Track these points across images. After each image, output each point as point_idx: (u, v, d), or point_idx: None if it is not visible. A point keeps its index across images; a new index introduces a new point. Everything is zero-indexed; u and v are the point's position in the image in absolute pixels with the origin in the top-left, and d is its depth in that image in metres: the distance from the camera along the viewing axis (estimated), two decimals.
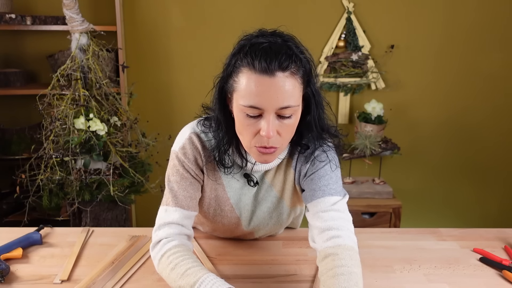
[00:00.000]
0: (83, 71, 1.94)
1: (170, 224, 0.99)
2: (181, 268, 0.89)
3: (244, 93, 0.84)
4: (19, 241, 1.13)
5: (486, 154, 2.67)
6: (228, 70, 0.88)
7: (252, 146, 0.89)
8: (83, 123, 1.87)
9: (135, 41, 2.42)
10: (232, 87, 0.87)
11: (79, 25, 1.93)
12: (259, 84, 0.82)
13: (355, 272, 0.86)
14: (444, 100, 2.57)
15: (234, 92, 0.87)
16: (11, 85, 2.28)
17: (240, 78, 0.85)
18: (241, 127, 0.88)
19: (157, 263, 0.95)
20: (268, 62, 0.81)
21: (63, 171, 1.89)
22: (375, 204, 2.26)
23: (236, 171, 1.03)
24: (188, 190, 1.01)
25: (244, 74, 0.84)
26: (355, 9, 2.42)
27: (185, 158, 1.00)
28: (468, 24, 2.48)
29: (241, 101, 0.84)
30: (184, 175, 1.01)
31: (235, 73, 0.86)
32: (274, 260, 1.11)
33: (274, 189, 1.06)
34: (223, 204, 1.06)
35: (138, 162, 2.08)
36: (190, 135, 1.01)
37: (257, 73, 0.82)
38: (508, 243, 1.21)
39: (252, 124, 0.86)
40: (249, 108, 0.84)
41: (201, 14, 2.41)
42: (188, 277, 0.87)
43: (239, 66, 0.85)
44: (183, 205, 1.00)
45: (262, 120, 0.85)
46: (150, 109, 2.48)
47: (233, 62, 0.86)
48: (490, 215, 2.76)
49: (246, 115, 0.85)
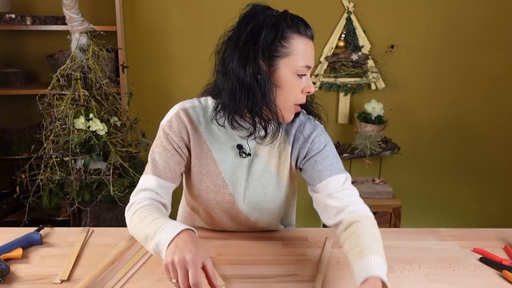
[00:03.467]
0: (83, 71, 1.94)
1: (146, 190, 1.03)
2: (149, 218, 0.93)
3: (302, 55, 0.97)
4: (19, 241, 1.13)
5: (486, 154, 2.67)
6: (266, 39, 0.95)
7: (293, 104, 1.00)
8: (83, 123, 1.87)
9: (135, 41, 2.42)
10: (279, 52, 0.96)
11: (79, 25, 1.93)
12: (310, 47, 0.99)
13: (377, 232, 0.97)
14: (444, 100, 2.57)
15: (284, 58, 0.96)
16: (11, 85, 2.28)
17: (293, 43, 0.96)
18: (290, 87, 0.98)
19: (129, 222, 0.99)
20: (310, 29, 0.99)
21: (63, 171, 1.89)
22: (375, 204, 2.26)
23: (231, 143, 1.08)
24: (168, 161, 1.05)
25: (295, 39, 0.96)
26: (355, 9, 2.42)
27: (170, 130, 1.05)
28: (468, 24, 2.48)
29: (300, 62, 0.96)
30: (167, 147, 1.05)
31: (284, 39, 0.95)
32: (274, 260, 1.11)
33: (268, 164, 1.10)
34: (215, 179, 1.09)
35: (138, 162, 2.08)
36: (178, 111, 1.07)
37: (307, 36, 0.98)
38: (508, 243, 1.21)
39: (299, 84, 0.99)
40: (305, 67, 0.97)
41: (201, 14, 2.41)
42: (154, 224, 0.89)
43: (289, 33, 0.96)
44: (161, 174, 1.04)
45: (304, 80, 0.99)
46: (150, 109, 2.47)
47: (277, 32, 0.95)
48: (490, 215, 2.76)
49: (298, 75, 0.98)
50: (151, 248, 0.89)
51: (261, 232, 1.25)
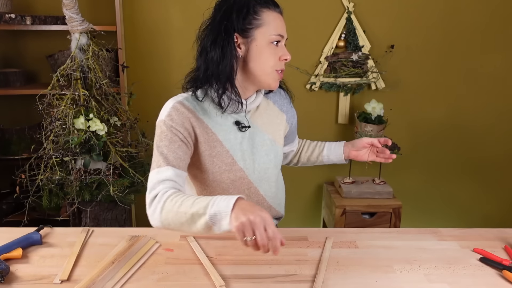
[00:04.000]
0: (83, 71, 1.94)
1: (164, 181, 1.04)
2: (189, 201, 0.96)
3: (272, 25, 1.10)
4: (19, 241, 1.13)
5: (486, 154, 2.67)
6: (240, 15, 1.09)
7: (273, 70, 1.12)
8: (83, 123, 1.87)
9: (135, 41, 2.41)
10: (252, 24, 1.09)
11: (79, 25, 1.93)
12: (280, 19, 1.12)
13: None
14: (445, 99, 2.57)
15: (257, 29, 1.09)
16: (11, 85, 2.28)
17: (263, 16, 1.10)
18: (266, 55, 1.11)
19: (160, 211, 0.99)
20: (278, 7, 1.14)
21: (63, 171, 1.89)
22: (375, 204, 2.26)
23: (230, 121, 1.17)
24: (177, 152, 1.09)
25: (265, 12, 1.10)
26: (355, 9, 2.42)
27: (172, 122, 1.10)
28: (468, 24, 2.48)
29: (272, 31, 1.10)
30: (173, 139, 1.09)
31: (255, 14, 1.09)
32: (274, 260, 1.11)
33: (266, 133, 1.23)
34: (225, 158, 1.16)
35: (138, 162, 2.08)
36: (174, 104, 1.14)
37: (276, 11, 1.12)
38: (508, 243, 1.21)
39: (275, 52, 1.11)
40: (278, 36, 1.10)
41: (201, 14, 2.41)
42: (199, 203, 0.93)
43: (259, 8, 1.10)
44: (174, 164, 1.07)
45: (280, 49, 1.12)
46: (150, 109, 2.47)
47: (247, 8, 1.09)
48: (490, 215, 2.76)
49: (271, 43, 1.10)
50: (203, 223, 0.92)
51: None
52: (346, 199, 2.31)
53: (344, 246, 1.19)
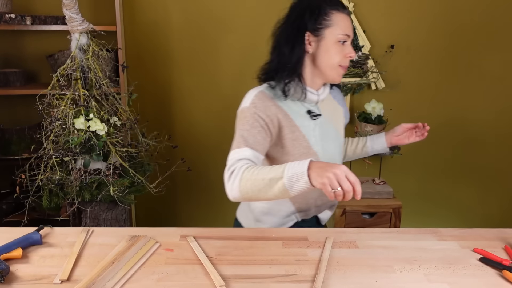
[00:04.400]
0: (83, 71, 1.94)
1: (243, 159, 1.13)
2: (265, 169, 1.05)
3: (340, 25, 1.22)
4: (19, 241, 1.13)
5: (486, 154, 2.66)
6: (312, 16, 1.21)
7: (338, 66, 1.24)
8: (83, 123, 1.87)
9: (135, 41, 2.41)
10: (322, 25, 1.22)
11: (79, 25, 1.93)
12: (347, 20, 1.24)
13: None
14: (445, 100, 2.57)
15: (327, 28, 1.22)
16: (11, 85, 2.28)
17: (333, 17, 1.22)
18: (333, 52, 1.23)
19: (239, 181, 1.07)
20: (346, 8, 1.26)
21: (63, 171, 1.89)
22: (375, 204, 2.26)
23: (303, 110, 1.29)
24: (256, 136, 1.18)
25: (334, 14, 1.22)
26: (355, 9, 2.42)
27: (256, 109, 1.20)
28: (468, 23, 2.48)
29: (338, 31, 1.22)
30: (254, 124, 1.19)
31: (326, 15, 1.21)
32: (274, 260, 1.11)
33: (331, 123, 1.36)
34: (302, 142, 1.28)
35: (138, 162, 2.08)
36: (257, 93, 1.24)
37: (344, 12, 1.24)
38: (508, 243, 1.21)
39: (341, 50, 1.23)
40: (345, 35, 1.23)
41: (201, 14, 2.41)
42: (275, 169, 1.03)
43: (329, 10, 1.22)
44: (253, 147, 1.17)
45: (345, 47, 1.24)
46: (150, 109, 2.48)
47: (319, 10, 1.21)
48: (490, 215, 2.76)
49: (338, 42, 1.22)
50: (280, 186, 1.01)
51: (261, 232, 1.25)
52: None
53: (344, 246, 1.19)
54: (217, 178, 2.68)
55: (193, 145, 2.56)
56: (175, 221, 2.69)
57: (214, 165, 2.62)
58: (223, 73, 2.49)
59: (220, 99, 2.52)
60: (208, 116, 2.55)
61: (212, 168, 2.62)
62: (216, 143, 2.58)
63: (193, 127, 2.56)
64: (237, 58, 2.47)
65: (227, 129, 2.62)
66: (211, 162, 2.61)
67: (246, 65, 2.46)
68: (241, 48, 2.46)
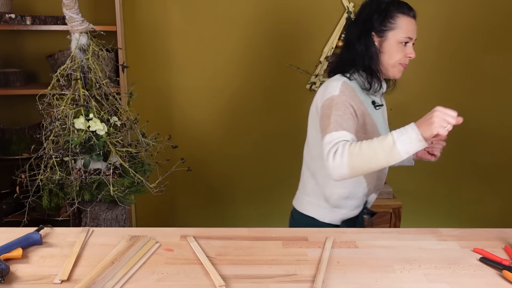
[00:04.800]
0: (83, 71, 1.94)
1: (341, 140, 1.19)
2: (369, 141, 1.14)
3: (404, 29, 1.33)
4: (19, 241, 1.13)
5: (486, 154, 2.66)
6: (379, 18, 1.33)
7: (398, 64, 1.36)
8: (83, 123, 1.87)
9: (135, 41, 2.41)
10: (387, 27, 1.33)
11: (79, 25, 1.92)
12: (411, 23, 1.35)
13: None
14: (445, 99, 2.57)
15: (391, 31, 1.33)
16: (11, 85, 2.28)
17: (398, 21, 1.33)
18: (397, 51, 1.35)
19: (347, 157, 1.13)
20: (412, 11, 1.36)
21: (63, 171, 1.89)
22: (375, 204, 2.25)
23: (369, 100, 1.41)
24: (348, 122, 1.26)
25: (400, 18, 1.33)
26: (355, 9, 2.41)
27: (346, 97, 1.29)
28: (468, 23, 2.47)
29: (402, 34, 1.33)
30: (345, 111, 1.27)
31: (392, 18, 1.33)
32: (274, 260, 1.11)
33: (385, 114, 1.55)
34: (374, 128, 1.40)
35: (138, 162, 2.08)
36: (343, 82, 1.33)
37: (410, 15, 1.34)
38: (508, 243, 1.21)
39: (402, 50, 1.35)
40: (407, 38, 1.34)
41: (201, 14, 2.41)
42: (382, 139, 1.13)
43: (395, 13, 1.33)
44: (348, 130, 1.24)
45: (407, 47, 1.35)
46: (150, 109, 2.47)
47: (386, 13, 1.33)
48: (490, 215, 2.76)
49: (400, 43, 1.34)
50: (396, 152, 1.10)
51: (261, 232, 1.25)
52: None
53: (344, 246, 1.19)
54: (217, 178, 2.68)
55: (193, 145, 2.56)
56: (175, 221, 2.69)
57: (214, 165, 2.62)
58: (223, 73, 2.49)
59: (220, 99, 2.52)
60: (208, 116, 2.55)
61: (212, 168, 2.62)
62: (216, 143, 2.58)
63: (193, 127, 2.56)
64: (237, 58, 2.47)
65: (227, 129, 2.63)
66: (211, 162, 2.61)
67: (246, 65, 2.46)
68: (240, 48, 2.45)
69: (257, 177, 2.66)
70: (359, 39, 1.36)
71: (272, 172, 2.65)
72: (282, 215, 2.77)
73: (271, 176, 2.66)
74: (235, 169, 2.64)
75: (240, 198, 2.69)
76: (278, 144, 2.61)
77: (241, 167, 2.64)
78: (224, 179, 2.66)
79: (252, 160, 2.63)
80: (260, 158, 2.63)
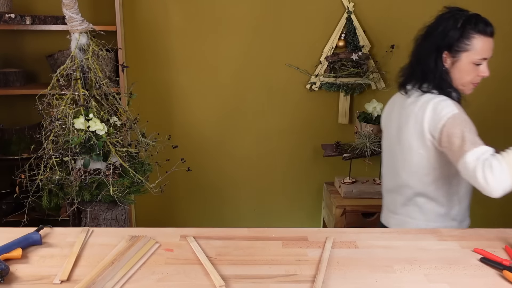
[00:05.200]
0: (83, 71, 1.94)
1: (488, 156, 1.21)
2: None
3: (479, 50, 1.31)
4: (19, 241, 1.13)
5: None
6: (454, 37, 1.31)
7: (470, 83, 1.37)
8: (83, 123, 1.86)
9: (135, 41, 2.41)
10: (461, 48, 1.31)
11: (78, 25, 1.92)
12: (488, 43, 1.32)
13: None
14: None
15: (465, 52, 1.31)
16: (11, 85, 2.28)
17: (473, 42, 1.31)
18: (468, 72, 1.34)
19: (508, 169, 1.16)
20: (490, 27, 1.32)
21: (63, 171, 1.89)
22: (375, 204, 2.26)
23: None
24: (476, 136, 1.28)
25: (476, 38, 1.31)
26: (355, 9, 2.42)
27: (464, 114, 1.32)
28: None
29: (476, 56, 1.31)
30: (471, 127, 1.30)
31: (467, 39, 1.31)
32: (274, 260, 1.11)
33: None
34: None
35: (138, 162, 2.08)
36: (450, 101, 1.33)
37: (487, 36, 1.32)
38: (509, 243, 1.21)
39: (474, 70, 1.33)
40: (481, 59, 1.32)
41: (201, 14, 2.41)
42: None
43: (471, 34, 1.31)
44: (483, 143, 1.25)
45: (480, 67, 1.33)
46: (150, 109, 2.47)
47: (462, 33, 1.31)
48: (491, 215, 2.76)
49: (475, 64, 1.32)
50: None
51: (261, 232, 1.25)
52: (346, 199, 2.31)
53: (344, 246, 1.19)
54: (217, 178, 2.68)
55: (193, 145, 2.56)
56: (175, 221, 2.69)
57: (214, 165, 2.62)
58: (223, 73, 2.49)
59: (220, 99, 2.52)
60: (208, 116, 2.55)
61: (212, 168, 2.62)
62: (216, 143, 2.58)
63: (193, 127, 2.56)
64: (237, 58, 2.47)
65: (227, 128, 2.63)
66: (211, 162, 2.61)
67: (245, 65, 2.46)
68: (240, 48, 2.45)
69: (257, 177, 2.66)
70: (428, 55, 1.34)
71: (272, 172, 2.65)
72: (282, 215, 2.78)
73: (271, 176, 2.66)
74: (235, 169, 2.64)
75: (240, 198, 2.69)
76: (278, 144, 2.61)
77: (241, 167, 2.64)
78: (224, 179, 2.66)
79: (252, 160, 2.63)
80: (260, 158, 2.63)
